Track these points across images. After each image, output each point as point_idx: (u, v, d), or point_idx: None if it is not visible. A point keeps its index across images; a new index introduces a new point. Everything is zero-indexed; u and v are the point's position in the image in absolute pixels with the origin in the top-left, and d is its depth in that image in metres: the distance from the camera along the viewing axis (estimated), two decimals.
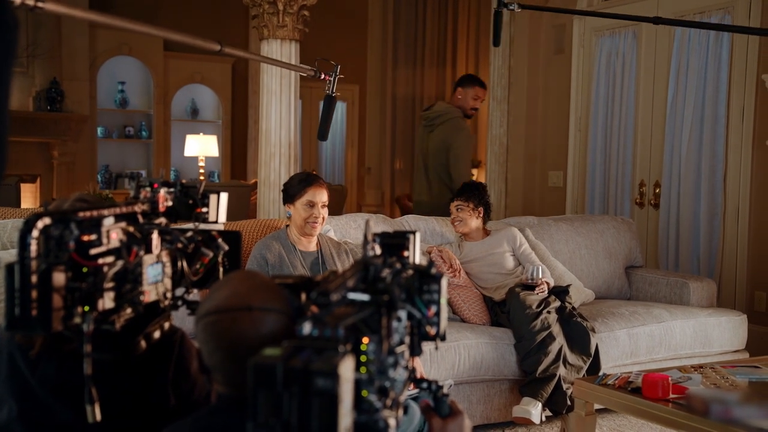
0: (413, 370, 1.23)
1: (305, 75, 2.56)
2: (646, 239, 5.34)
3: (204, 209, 1.43)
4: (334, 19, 8.90)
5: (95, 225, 1.09)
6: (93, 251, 1.09)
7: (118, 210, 1.25)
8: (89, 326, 1.07)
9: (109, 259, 1.16)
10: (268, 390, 0.75)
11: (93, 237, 1.08)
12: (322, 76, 2.52)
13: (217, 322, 1.23)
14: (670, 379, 2.57)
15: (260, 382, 0.75)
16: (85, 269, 1.08)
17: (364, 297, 1.08)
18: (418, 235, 1.27)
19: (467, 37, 9.25)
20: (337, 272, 1.17)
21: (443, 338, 1.25)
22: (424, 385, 1.30)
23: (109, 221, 1.11)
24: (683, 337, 3.78)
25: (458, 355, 3.28)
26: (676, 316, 3.83)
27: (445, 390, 1.32)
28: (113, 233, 1.13)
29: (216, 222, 1.46)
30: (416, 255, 1.26)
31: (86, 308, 1.07)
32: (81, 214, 1.11)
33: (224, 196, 1.48)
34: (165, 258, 1.33)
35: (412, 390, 1.43)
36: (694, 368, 2.86)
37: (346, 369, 0.79)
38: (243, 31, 8.65)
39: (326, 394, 0.74)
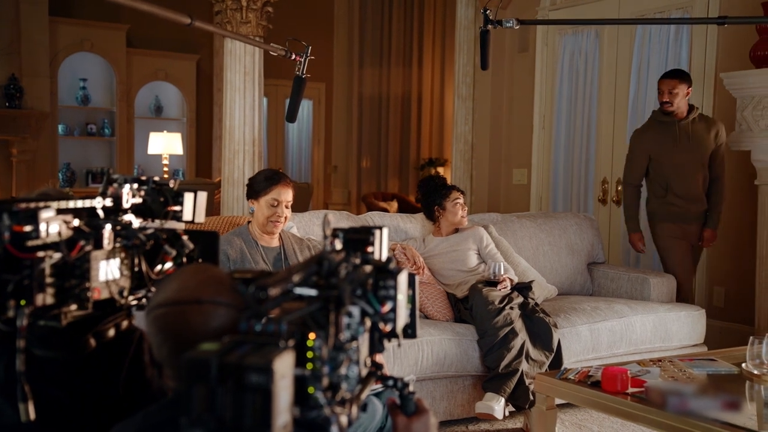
0: (379, 367, 1.22)
1: (275, 54, 2.53)
2: (608, 236, 5.40)
3: (176, 207, 1.40)
4: (300, 17, 8.86)
5: (31, 216, 1.06)
6: (30, 243, 1.06)
7: (72, 204, 1.21)
8: (23, 321, 1.04)
9: (53, 253, 1.13)
10: (202, 385, 0.73)
11: (28, 228, 1.05)
12: (293, 57, 2.49)
13: (166, 315, 1.20)
14: (629, 372, 2.59)
15: (194, 376, 0.74)
16: (24, 262, 1.05)
17: (311, 292, 1.07)
18: (385, 231, 1.26)
19: (433, 36, 9.27)
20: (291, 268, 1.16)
21: (412, 335, 1.24)
22: (390, 382, 1.29)
23: (47, 213, 1.08)
24: (643, 331, 3.83)
25: (421, 352, 3.28)
26: (636, 311, 3.87)
27: (410, 387, 1.32)
28: (53, 226, 1.10)
29: (192, 221, 1.43)
30: (382, 251, 1.25)
31: (22, 302, 1.04)
32: (21, 205, 1.08)
33: (202, 195, 1.44)
34: (122, 255, 1.30)
35: (377, 387, 1.42)
36: (653, 362, 2.90)
37: (284, 364, 0.78)
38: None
39: (260, 390, 0.73)
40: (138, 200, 1.36)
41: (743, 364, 2.73)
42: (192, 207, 1.41)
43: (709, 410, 2.25)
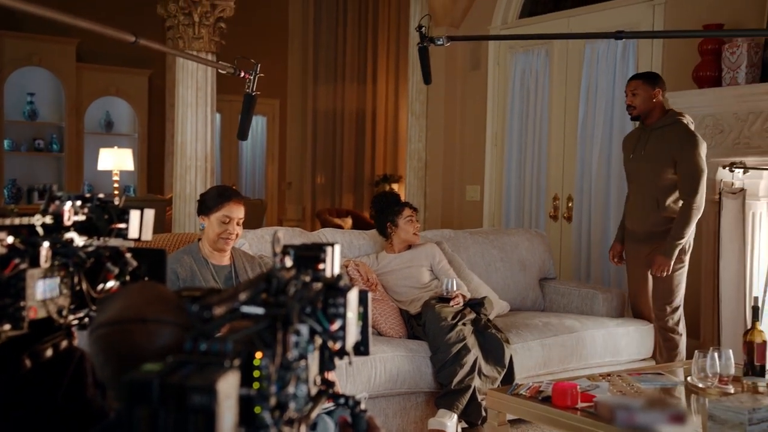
0: (330, 385, 1.21)
1: (224, 72, 2.52)
2: (560, 252, 5.47)
3: (122, 225, 1.38)
4: (254, 33, 8.83)
5: None
6: None
7: (8, 221, 1.18)
8: None
9: None
10: (143, 406, 0.72)
11: None
12: (242, 74, 2.48)
13: (109, 335, 1.18)
14: (578, 387, 2.62)
15: (135, 397, 0.72)
16: None
17: (258, 310, 1.06)
18: (337, 247, 1.26)
19: (387, 53, 9.33)
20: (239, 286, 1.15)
21: (365, 353, 1.23)
22: (341, 400, 1.28)
23: None
24: (593, 346, 3.88)
25: (374, 369, 3.27)
26: (587, 326, 3.93)
27: (362, 405, 1.31)
28: None
29: (139, 239, 1.41)
30: (334, 268, 1.24)
31: None
32: None
33: (149, 213, 1.42)
34: (61, 273, 1.27)
35: (328, 405, 1.41)
36: (602, 376, 2.94)
37: (228, 385, 0.77)
38: (158, 43, 8.47)
39: (203, 411, 0.72)
40: (81, 218, 1.33)
41: (689, 378, 2.79)
42: (138, 224, 1.39)
43: (657, 424, 2.27)
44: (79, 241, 1.31)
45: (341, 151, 9.71)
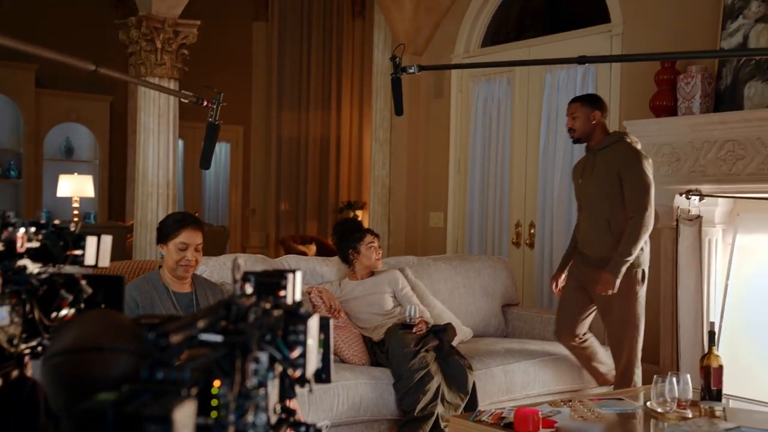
0: (291, 413, 1.20)
1: (186, 101, 2.52)
2: (522, 278, 5.51)
3: (77, 251, 1.36)
4: (217, 59, 8.83)
5: None
6: None
7: None
8: None
9: None
10: None
11: None
12: (205, 103, 2.48)
13: (63, 364, 1.16)
14: (540, 413, 2.63)
15: (89, 428, 0.71)
16: None
17: (217, 338, 1.06)
18: (299, 274, 1.25)
19: (351, 81, 9.38)
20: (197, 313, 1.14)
21: (326, 380, 1.23)
22: (303, 428, 1.27)
23: None
24: (556, 372, 3.90)
25: (337, 397, 3.25)
26: (548, 352, 3.95)
27: None
28: None
29: (95, 266, 1.39)
30: (295, 294, 1.24)
31: None
32: None
33: (106, 239, 1.40)
34: (12, 301, 1.25)
35: None
36: (564, 402, 2.95)
37: (184, 414, 0.76)
38: (120, 69, 8.43)
39: None
40: (35, 244, 1.31)
41: (648, 403, 2.82)
42: (95, 251, 1.38)
43: None
44: (32, 268, 1.29)
45: (305, 177, 9.70)
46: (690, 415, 2.71)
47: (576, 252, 3.81)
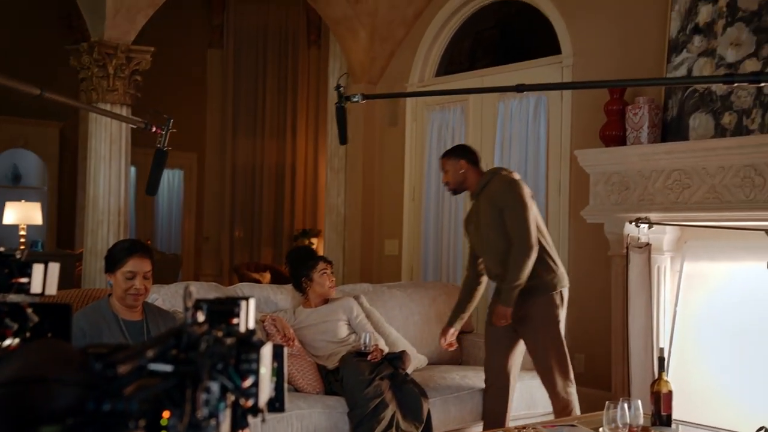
0: None
1: (135, 127, 2.49)
2: (477, 305, 5.53)
3: (23, 279, 1.32)
4: (171, 85, 8.77)
5: None
6: None
7: None
8: None
9: None
10: None
11: None
12: (154, 129, 2.45)
13: (5, 396, 1.12)
14: None
15: None
16: None
17: (167, 368, 1.03)
18: (252, 301, 1.24)
19: (307, 108, 9.41)
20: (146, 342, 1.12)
21: (280, 409, 1.21)
22: None
23: None
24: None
25: (290, 426, 3.21)
26: None
27: None
28: None
29: (42, 294, 1.35)
30: (249, 322, 1.22)
31: None
32: None
33: (54, 267, 1.37)
34: None
35: None
36: (518, 429, 2.96)
37: None
38: (71, 95, 8.31)
39: None
40: None
41: (600, 429, 2.84)
42: (42, 279, 1.34)
43: None
44: None
45: (260, 205, 9.65)
46: None
47: (468, 302, 3.86)
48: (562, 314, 3.61)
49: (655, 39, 4.56)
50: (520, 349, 3.70)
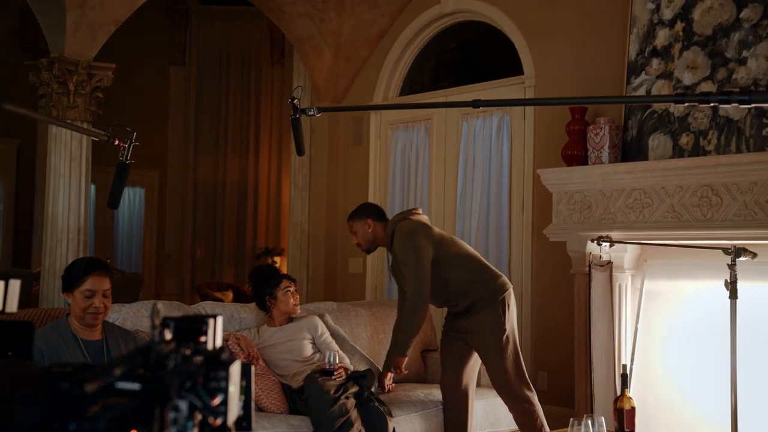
0: None
1: (97, 140, 2.46)
2: (441, 323, 5.54)
3: None
4: (132, 102, 8.68)
5: None
6: None
7: None
8: None
9: None
10: None
11: None
12: (116, 142, 2.43)
13: None
14: None
15: None
16: None
17: (134, 386, 1.02)
18: (220, 319, 1.22)
19: (270, 126, 9.39)
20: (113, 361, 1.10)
21: (247, 428, 1.19)
22: None
23: None
24: (474, 417, 3.91)
25: None
26: None
27: None
28: None
29: (2, 311, 1.32)
30: (216, 340, 1.21)
31: None
32: None
33: (15, 283, 1.34)
34: None
35: None
36: None
37: None
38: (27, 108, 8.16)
39: None
40: None
41: None
42: (2, 295, 1.31)
43: None
44: None
45: (222, 223, 9.57)
46: None
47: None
48: (511, 319, 3.66)
49: (615, 61, 4.66)
50: (474, 362, 3.76)
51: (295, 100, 2.56)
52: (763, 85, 3.94)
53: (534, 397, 3.68)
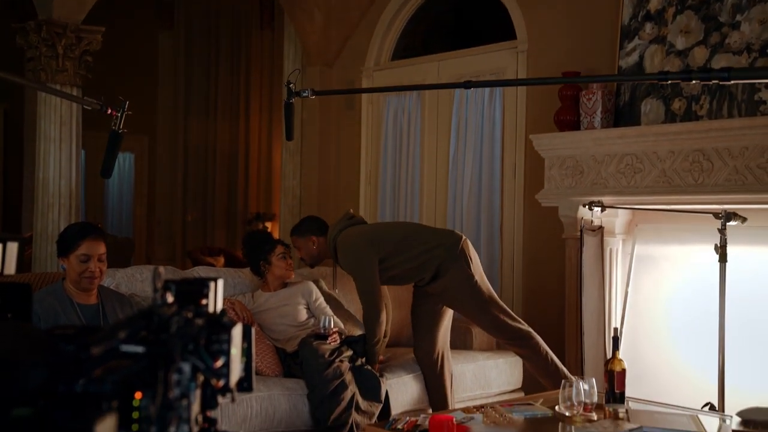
0: (213, 422, 1.18)
1: (89, 108, 2.46)
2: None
3: None
4: (122, 66, 8.58)
5: None
6: None
7: None
8: None
9: None
10: None
11: None
12: (109, 111, 2.42)
13: None
14: (454, 419, 2.67)
15: None
16: None
17: (138, 349, 1.03)
18: (220, 282, 1.23)
19: (260, 89, 9.31)
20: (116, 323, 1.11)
21: (248, 388, 1.21)
22: None
23: None
24: (463, 380, 3.97)
25: (250, 408, 3.20)
26: (457, 360, 4.02)
27: None
28: None
29: (1, 273, 1.33)
30: (217, 303, 1.22)
31: None
32: None
33: (12, 246, 1.34)
34: None
35: None
36: (477, 408, 3.01)
37: (105, 428, 0.74)
38: (17, 75, 8.06)
39: None
40: None
41: (556, 407, 2.91)
42: (0, 258, 1.32)
43: None
44: None
45: (213, 188, 9.54)
46: (595, 418, 2.81)
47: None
48: (476, 267, 3.73)
49: (608, 25, 4.63)
50: (447, 325, 3.85)
51: (291, 85, 2.56)
52: (756, 49, 3.94)
53: (530, 330, 3.78)
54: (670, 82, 3.86)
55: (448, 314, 3.85)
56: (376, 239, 3.70)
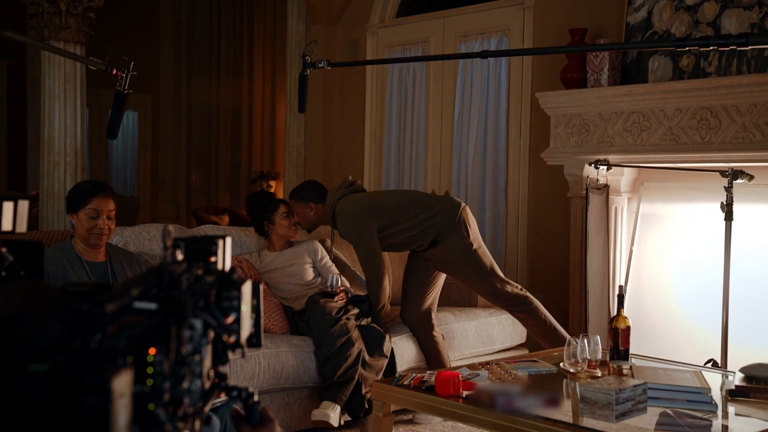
0: (223, 378, 1.20)
1: (94, 68, 2.44)
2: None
3: None
4: (124, 24, 8.50)
5: None
6: None
7: None
8: None
9: None
10: (32, 410, 0.69)
11: None
12: (114, 71, 2.41)
13: None
14: (460, 376, 2.71)
15: (22, 401, 0.69)
16: None
17: (151, 306, 1.04)
18: (228, 240, 1.24)
19: (263, 49, 9.23)
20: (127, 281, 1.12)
21: (257, 344, 1.23)
22: (234, 393, 1.27)
23: None
24: (465, 337, 4.01)
25: (258, 365, 3.25)
26: (460, 318, 4.06)
27: (255, 397, 1.31)
28: None
29: (13, 231, 1.34)
30: (226, 261, 1.23)
31: None
32: None
33: (23, 204, 1.35)
34: None
35: (221, 398, 1.40)
36: (482, 365, 3.04)
37: (122, 382, 0.75)
38: (17, 31, 8.00)
39: (96, 411, 0.69)
40: None
41: (561, 364, 2.94)
42: (12, 216, 1.32)
43: (532, 407, 2.40)
44: None
45: (217, 147, 9.52)
46: (600, 374, 2.84)
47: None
48: (474, 233, 3.73)
49: None
50: (434, 292, 3.85)
51: (307, 57, 2.54)
52: (767, 2, 3.88)
53: (528, 294, 3.79)
54: (687, 48, 3.83)
55: (440, 281, 3.86)
56: (374, 208, 3.68)
